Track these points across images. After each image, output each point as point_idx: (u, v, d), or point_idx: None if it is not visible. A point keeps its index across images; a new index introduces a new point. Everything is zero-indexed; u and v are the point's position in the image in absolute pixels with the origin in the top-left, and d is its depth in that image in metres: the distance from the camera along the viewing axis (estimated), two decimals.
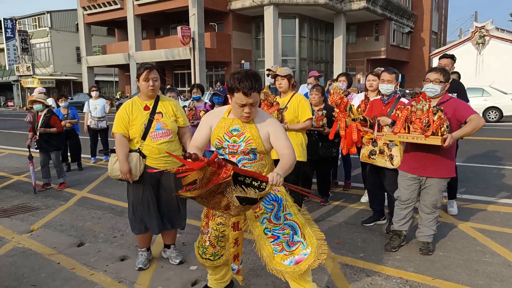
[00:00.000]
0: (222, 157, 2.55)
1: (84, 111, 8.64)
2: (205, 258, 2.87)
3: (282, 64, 24.42)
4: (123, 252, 3.90)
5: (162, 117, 3.35)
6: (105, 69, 35.84)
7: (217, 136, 2.60)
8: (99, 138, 8.74)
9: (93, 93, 8.60)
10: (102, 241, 4.22)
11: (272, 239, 2.61)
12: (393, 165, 4.04)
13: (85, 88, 29.97)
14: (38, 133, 6.27)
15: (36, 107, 6.38)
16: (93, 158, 8.75)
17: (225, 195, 2.25)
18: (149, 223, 3.45)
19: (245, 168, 2.47)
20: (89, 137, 8.74)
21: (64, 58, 38.25)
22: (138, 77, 3.30)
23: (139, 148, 3.31)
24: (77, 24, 34.66)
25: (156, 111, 3.35)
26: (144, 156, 3.31)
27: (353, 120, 4.13)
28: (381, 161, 4.14)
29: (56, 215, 5.12)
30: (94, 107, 8.47)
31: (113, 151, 3.39)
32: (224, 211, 2.36)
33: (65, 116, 7.90)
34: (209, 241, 2.81)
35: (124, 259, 3.76)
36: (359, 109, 4.64)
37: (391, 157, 4.05)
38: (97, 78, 35.44)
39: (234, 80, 2.44)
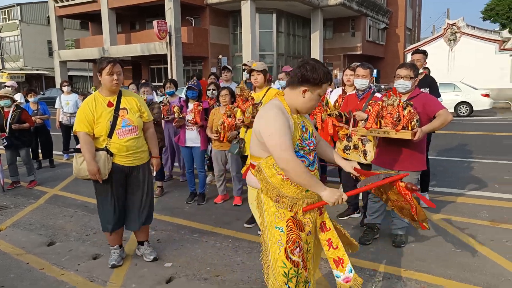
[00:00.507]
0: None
1: (55, 106, 8.41)
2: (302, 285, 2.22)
3: (260, 59, 24.37)
4: (95, 251, 3.82)
5: (127, 113, 3.26)
6: (78, 63, 34.93)
7: (298, 137, 2.21)
8: (71, 134, 8.51)
9: (65, 88, 8.38)
10: (74, 240, 4.12)
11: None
12: (366, 160, 4.09)
13: (58, 83, 29.14)
14: (7, 130, 6.04)
15: (4, 102, 6.15)
16: (65, 155, 8.53)
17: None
18: (118, 220, 3.39)
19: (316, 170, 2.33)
20: (61, 133, 8.51)
21: (35, 52, 37.11)
22: (100, 71, 3.16)
23: (106, 146, 3.20)
24: (48, 17, 33.61)
25: (121, 107, 3.25)
26: (111, 154, 3.21)
27: (329, 115, 4.17)
28: (355, 156, 4.19)
29: (25, 214, 4.97)
30: (66, 103, 8.25)
31: (78, 150, 3.26)
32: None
33: (35, 111, 7.66)
34: (302, 260, 2.20)
35: (96, 258, 3.69)
36: (337, 104, 4.67)
37: (364, 153, 4.10)
38: (70, 73, 34.53)
39: (309, 70, 2.16)
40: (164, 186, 5.88)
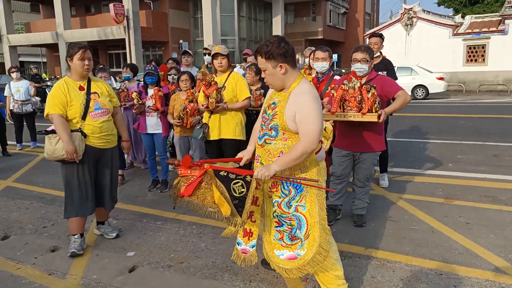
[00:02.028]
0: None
1: (5, 94, 7.94)
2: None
3: (222, 43, 24.07)
4: (53, 243, 3.68)
5: (99, 97, 3.38)
6: (30, 48, 33.09)
7: (263, 107, 2.50)
8: (24, 123, 8.11)
9: (14, 75, 7.92)
10: (30, 233, 3.95)
11: (277, 225, 2.50)
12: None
13: (7, 69, 27.52)
14: None
15: None
16: (19, 144, 8.12)
17: (211, 189, 2.39)
18: (87, 203, 3.42)
19: (266, 145, 2.44)
20: (12, 123, 8.08)
21: None
22: (71, 56, 3.25)
23: (80, 128, 3.27)
24: None
25: (92, 92, 3.36)
26: (85, 136, 3.28)
27: None
28: None
29: None
30: (17, 90, 7.82)
31: (49, 132, 3.27)
32: (217, 207, 2.40)
33: None
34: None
35: (54, 250, 3.55)
36: None
37: None
38: (21, 59, 32.67)
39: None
40: (125, 174, 5.73)
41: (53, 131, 3.25)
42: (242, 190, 2.35)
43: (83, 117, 3.27)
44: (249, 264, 2.64)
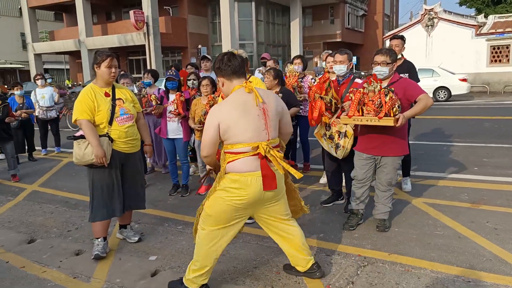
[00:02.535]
0: None
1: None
2: None
3: (240, 48, 24.17)
4: (78, 247, 3.75)
5: (124, 103, 3.47)
6: (54, 56, 33.96)
7: None
8: (49, 128, 8.31)
9: (39, 82, 8.14)
10: (55, 236, 4.03)
11: None
12: (336, 154, 4.11)
13: (33, 77, 28.29)
14: None
15: None
16: (43, 150, 8.32)
17: None
18: (114, 207, 3.48)
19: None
20: (38, 129, 8.29)
21: (8, 45, 35.84)
22: (99, 63, 3.34)
23: (107, 133, 3.35)
24: (20, 8, 32.46)
25: (116, 98, 3.45)
26: (112, 140, 3.36)
27: (321, 97, 4.10)
28: (327, 146, 4.22)
29: (3, 212, 4.84)
30: (42, 96, 8.03)
31: (77, 138, 3.35)
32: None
33: (20, 105, 7.48)
34: None
35: (79, 254, 3.62)
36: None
37: (337, 146, 4.11)
38: (46, 66, 33.54)
39: None
40: (146, 178, 5.79)
41: (81, 136, 3.33)
42: None
43: (110, 122, 3.36)
44: None
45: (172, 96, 4.97)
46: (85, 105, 3.28)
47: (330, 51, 4.55)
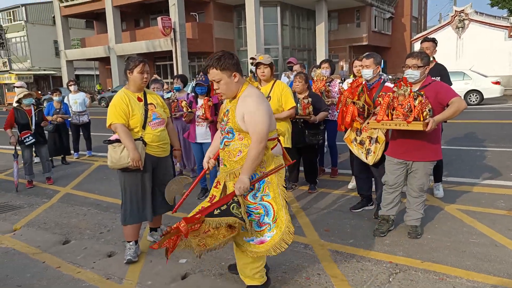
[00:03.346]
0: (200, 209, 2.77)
1: None
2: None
3: (265, 52, 24.24)
4: (110, 248, 3.83)
5: (155, 107, 3.54)
6: (85, 62, 35.07)
7: (219, 117, 2.77)
8: (80, 133, 8.57)
9: (72, 88, 8.42)
10: (88, 238, 4.14)
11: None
12: (367, 159, 4.05)
13: (65, 83, 29.27)
14: (33, 128, 6.21)
15: (28, 101, 6.31)
16: (76, 153, 8.57)
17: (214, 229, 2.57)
18: (146, 211, 3.53)
19: (226, 147, 2.67)
20: (70, 133, 8.55)
21: (42, 52, 37.26)
22: (132, 69, 3.38)
23: (141, 137, 3.40)
24: (53, 17, 33.72)
25: (148, 103, 3.51)
26: (145, 144, 3.42)
27: (353, 103, 4.05)
28: (357, 151, 4.16)
29: (39, 213, 5.00)
30: (74, 102, 8.29)
31: (111, 141, 3.39)
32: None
33: (57, 110, 7.79)
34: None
35: (111, 255, 3.70)
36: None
37: (368, 151, 4.04)
38: (77, 72, 34.67)
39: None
40: None
41: (117, 140, 3.38)
42: (239, 209, 2.57)
43: (144, 127, 3.42)
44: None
45: (200, 101, 5.03)
46: (120, 109, 3.33)
47: (362, 55, 4.48)
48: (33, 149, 6.44)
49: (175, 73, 21.94)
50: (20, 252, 3.84)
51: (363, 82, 4.09)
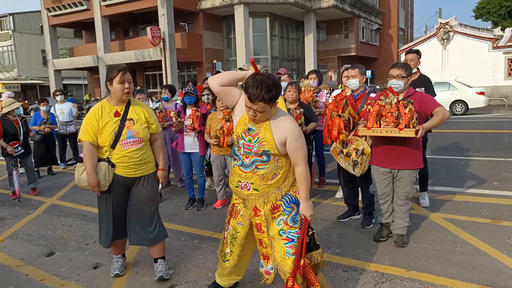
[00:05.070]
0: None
1: None
2: (220, 255, 2.94)
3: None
4: (95, 260, 3.78)
5: (134, 124, 3.15)
6: (73, 72, 34.84)
7: (236, 132, 2.60)
8: (67, 143, 8.48)
9: (58, 97, 8.36)
10: (73, 249, 4.08)
11: (286, 241, 2.60)
12: (354, 171, 4.09)
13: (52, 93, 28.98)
14: (22, 138, 6.15)
15: (18, 111, 6.26)
16: (62, 164, 8.48)
17: None
18: (116, 233, 3.26)
19: (258, 170, 2.54)
20: (57, 143, 8.46)
21: (29, 61, 36.99)
22: (110, 79, 3.07)
23: (108, 157, 3.11)
24: (41, 26, 33.53)
25: (127, 118, 3.15)
26: (113, 165, 3.12)
27: (338, 115, 4.10)
28: (344, 164, 4.19)
29: (23, 225, 4.92)
30: (61, 112, 8.22)
31: (80, 159, 3.19)
32: None
33: (45, 120, 7.70)
34: (225, 238, 2.84)
35: (97, 267, 3.65)
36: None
37: (354, 163, 4.08)
38: (65, 82, 34.41)
39: (249, 81, 2.38)
40: (162, 192, 5.85)
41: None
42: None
43: (113, 146, 3.10)
44: (270, 283, 2.81)
45: (189, 111, 5.04)
46: (90, 125, 3.06)
47: (349, 66, 4.55)
48: (18, 159, 6.33)
49: (165, 83, 21.92)
50: (3, 265, 3.77)
51: (347, 95, 4.16)
